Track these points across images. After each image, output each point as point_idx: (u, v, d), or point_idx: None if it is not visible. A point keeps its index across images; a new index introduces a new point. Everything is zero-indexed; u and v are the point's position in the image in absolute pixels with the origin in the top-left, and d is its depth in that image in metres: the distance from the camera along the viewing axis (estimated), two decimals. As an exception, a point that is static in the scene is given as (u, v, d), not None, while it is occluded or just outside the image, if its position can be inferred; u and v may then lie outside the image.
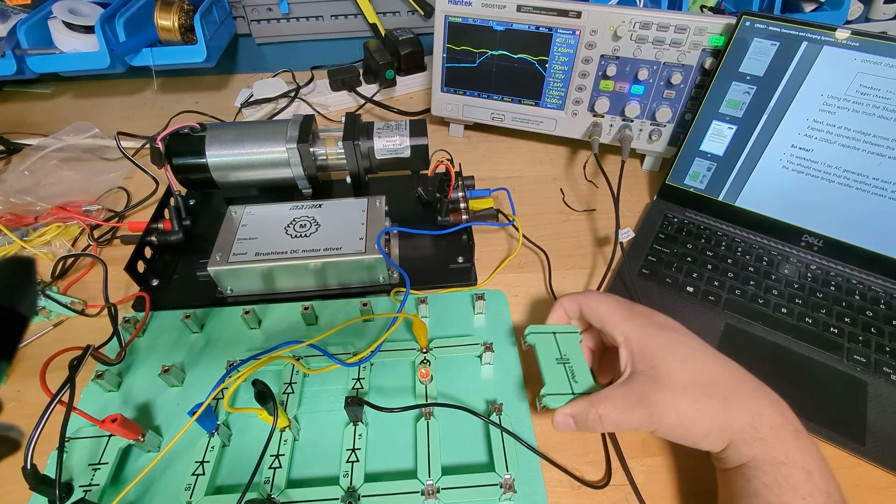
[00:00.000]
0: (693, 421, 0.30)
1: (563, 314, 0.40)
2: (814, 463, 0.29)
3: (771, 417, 0.30)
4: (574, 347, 0.38)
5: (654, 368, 0.32)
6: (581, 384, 0.36)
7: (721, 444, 0.31)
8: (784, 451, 0.29)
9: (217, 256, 0.46)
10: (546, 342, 0.39)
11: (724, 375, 0.32)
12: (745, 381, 0.32)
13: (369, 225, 0.48)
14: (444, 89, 0.67)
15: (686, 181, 0.57)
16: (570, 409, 0.33)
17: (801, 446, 0.29)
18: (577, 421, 0.33)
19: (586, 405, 0.33)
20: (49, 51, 0.71)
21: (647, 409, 0.31)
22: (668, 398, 0.31)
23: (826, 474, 0.29)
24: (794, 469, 0.29)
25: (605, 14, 0.56)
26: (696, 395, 0.31)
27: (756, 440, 0.30)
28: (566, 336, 0.39)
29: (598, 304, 0.37)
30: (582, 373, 0.36)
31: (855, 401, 0.41)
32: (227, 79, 0.88)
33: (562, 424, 0.34)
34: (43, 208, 0.59)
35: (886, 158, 0.46)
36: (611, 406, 0.32)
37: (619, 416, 0.31)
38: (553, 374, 0.36)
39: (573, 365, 0.37)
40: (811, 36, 0.47)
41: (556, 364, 0.37)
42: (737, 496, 0.31)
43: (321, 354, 0.42)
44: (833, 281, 0.50)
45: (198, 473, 0.36)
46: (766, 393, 0.32)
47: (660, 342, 0.33)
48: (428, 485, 0.35)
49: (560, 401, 0.34)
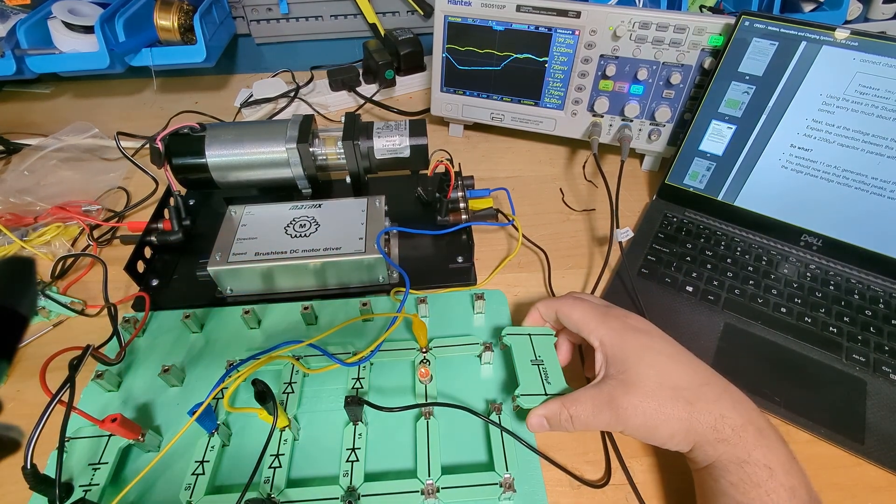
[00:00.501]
0: (658, 423, 0.32)
1: (538, 318, 0.41)
2: (776, 459, 0.30)
3: (733, 419, 0.31)
4: (548, 349, 0.40)
5: (625, 373, 0.33)
6: (554, 385, 0.37)
7: (687, 445, 0.32)
8: (746, 450, 0.30)
9: (217, 256, 0.46)
10: (522, 344, 0.40)
11: (691, 379, 0.33)
12: (712, 385, 0.33)
13: (369, 225, 0.48)
14: (443, 89, 0.67)
15: (685, 181, 0.57)
16: (543, 409, 0.35)
17: (763, 444, 0.30)
18: (550, 421, 0.35)
19: (559, 406, 0.34)
20: (49, 51, 0.71)
21: (614, 412, 0.32)
22: (634, 401, 0.32)
23: (790, 470, 0.30)
24: (757, 467, 0.30)
25: (605, 14, 0.56)
26: (662, 398, 0.32)
27: (719, 441, 0.31)
28: (541, 338, 0.41)
29: (573, 310, 0.38)
30: (555, 374, 0.38)
31: (854, 400, 0.41)
32: (226, 79, 0.88)
33: (536, 425, 0.35)
34: (43, 208, 0.59)
35: (885, 158, 0.47)
36: (581, 407, 0.34)
37: (588, 417, 0.33)
38: (528, 376, 0.38)
39: (547, 367, 0.39)
40: (810, 36, 0.47)
41: (530, 366, 0.39)
42: (708, 495, 0.32)
43: (321, 354, 0.42)
44: (832, 280, 0.50)
45: (198, 473, 0.36)
46: (731, 395, 0.33)
47: (632, 346, 0.34)
48: (428, 484, 0.35)
49: (534, 401, 0.36)
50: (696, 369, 0.34)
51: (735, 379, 0.42)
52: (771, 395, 0.41)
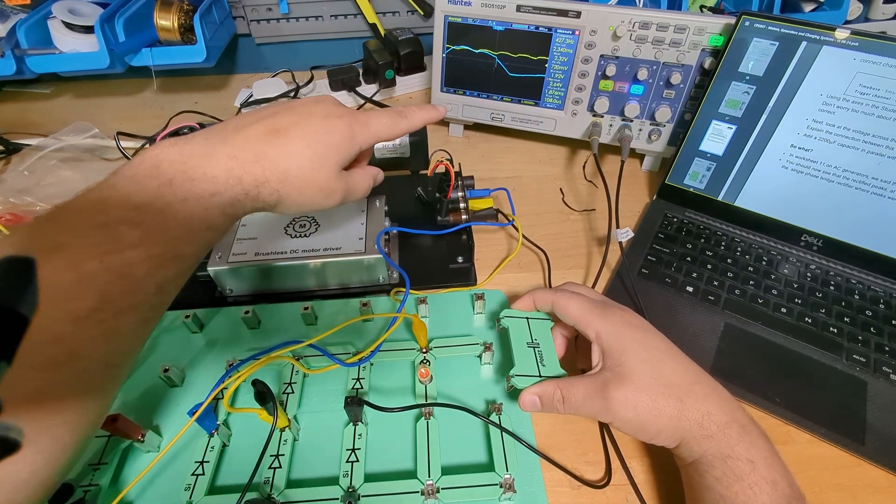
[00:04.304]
0: (649, 418, 0.32)
1: (530, 304, 0.41)
2: (758, 454, 0.31)
3: (718, 416, 0.32)
4: (545, 334, 0.40)
5: (621, 366, 0.34)
6: (549, 369, 0.38)
7: (674, 441, 0.33)
8: (729, 445, 0.31)
9: (217, 256, 0.46)
10: (519, 326, 0.41)
11: (682, 377, 0.33)
12: (701, 383, 0.33)
13: (369, 225, 0.48)
14: (443, 89, 0.67)
15: (686, 181, 0.57)
16: (538, 388, 0.36)
17: (746, 440, 0.31)
18: (542, 400, 0.36)
19: (553, 387, 0.35)
20: (48, 51, 0.71)
21: (605, 402, 0.33)
22: (627, 394, 0.32)
23: (771, 464, 0.31)
24: (739, 461, 0.30)
25: (605, 14, 0.56)
26: (653, 394, 0.32)
27: (705, 438, 0.31)
28: (538, 322, 0.41)
29: (570, 303, 0.38)
30: (550, 358, 0.38)
31: (854, 400, 0.41)
32: (226, 79, 0.88)
33: (528, 403, 0.36)
34: (43, 208, 0.59)
35: (886, 158, 0.47)
36: (574, 391, 0.34)
37: (579, 402, 0.34)
38: (523, 357, 0.38)
39: (542, 350, 0.39)
40: (810, 36, 0.47)
41: (526, 348, 0.39)
42: (695, 489, 0.33)
43: (321, 354, 0.42)
44: (832, 281, 0.50)
45: (198, 473, 0.36)
46: (718, 394, 0.33)
47: (628, 341, 0.35)
48: (428, 485, 0.35)
49: (527, 382, 0.36)
50: (688, 368, 0.34)
51: (735, 379, 0.42)
52: (771, 395, 0.41)
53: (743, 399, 0.41)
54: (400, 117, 0.39)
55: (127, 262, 0.26)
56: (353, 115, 0.36)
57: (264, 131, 0.32)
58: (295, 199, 0.33)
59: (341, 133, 0.35)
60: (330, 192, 0.35)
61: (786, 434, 0.40)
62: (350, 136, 0.35)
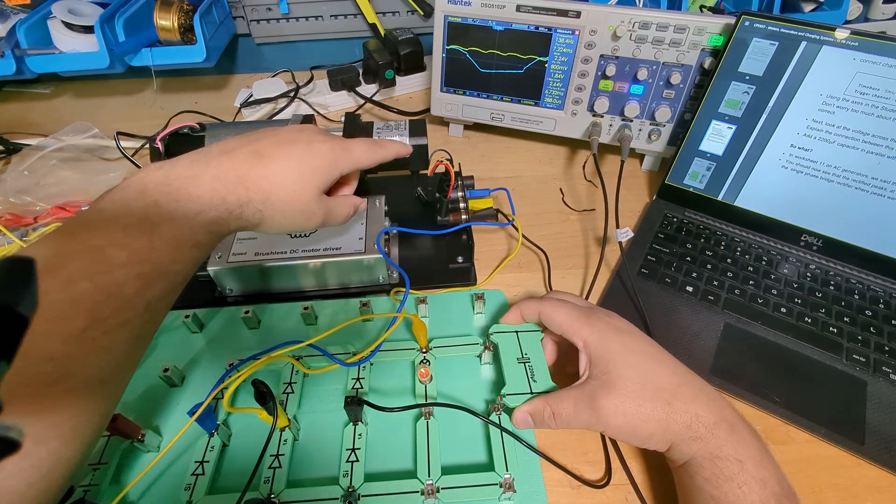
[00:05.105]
0: (638, 424, 0.32)
1: (518, 317, 0.42)
2: (747, 453, 0.31)
3: (707, 417, 0.32)
4: (535, 346, 0.41)
5: (607, 374, 0.34)
6: (540, 384, 0.38)
7: (664, 444, 0.33)
8: (718, 446, 0.31)
9: (217, 256, 0.46)
10: (509, 341, 0.41)
11: (669, 380, 0.34)
12: (688, 384, 0.34)
13: (369, 225, 0.48)
14: (443, 89, 0.67)
15: (685, 181, 0.57)
16: (528, 406, 0.36)
17: (734, 440, 0.31)
18: (534, 418, 0.36)
19: (542, 404, 0.36)
20: (48, 51, 0.71)
21: (595, 412, 0.33)
22: (616, 402, 0.33)
23: (761, 462, 0.31)
24: (728, 461, 0.31)
25: (605, 14, 0.56)
26: (642, 400, 0.32)
27: (694, 439, 0.32)
28: (528, 335, 0.42)
29: (555, 313, 0.38)
30: (541, 372, 0.39)
31: (854, 400, 0.41)
32: (226, 79, 0.88)
33: (521, 421, 0.37)
34: (42, 208, 0.59)
35: (885, 158, 0.47)
36: (563, 406, 0.35)
37: (570, 415, 0.34)
38: (514, 375, 0.39)
39: (533, 364, 0.40)
40: (810, 36, 0.47)
41: (517, 364, 0.40)
42: (686, 491, 0.33)
43: (321, 354, 0.42)
44: (832, 280, 0.50)
45: (198, 473, 0.36)
46: (706, 394, 0.33)
47: (615, 348, 0.35)
48: (428, 484, 0.35)
49: (519, 400, 0.37)
50: (675, 370, 0.35)
51: (735, 379, 0.42)
52: (771, 395, 0.41)
53: (743, 399, 0.41)
54: (378, 146, 0.41)
55: (116, 282, 0.26)
56: (336, 141, 0.38)
57: (248, 154, 0.34)
58: (277, 219, 0.35)
59: (323, 157, 0.36)
60: (311, 214, 0.36)
61: (785, 434, 0.40)
62: (332, 161, 0.36)
